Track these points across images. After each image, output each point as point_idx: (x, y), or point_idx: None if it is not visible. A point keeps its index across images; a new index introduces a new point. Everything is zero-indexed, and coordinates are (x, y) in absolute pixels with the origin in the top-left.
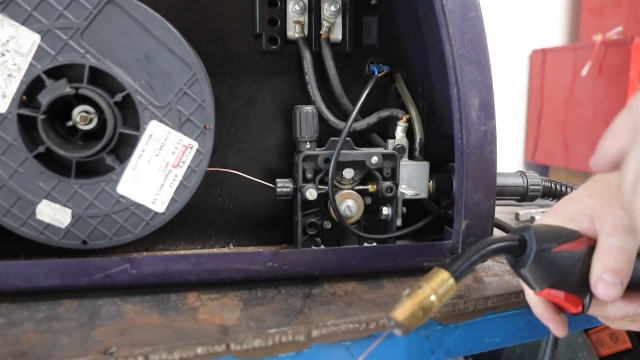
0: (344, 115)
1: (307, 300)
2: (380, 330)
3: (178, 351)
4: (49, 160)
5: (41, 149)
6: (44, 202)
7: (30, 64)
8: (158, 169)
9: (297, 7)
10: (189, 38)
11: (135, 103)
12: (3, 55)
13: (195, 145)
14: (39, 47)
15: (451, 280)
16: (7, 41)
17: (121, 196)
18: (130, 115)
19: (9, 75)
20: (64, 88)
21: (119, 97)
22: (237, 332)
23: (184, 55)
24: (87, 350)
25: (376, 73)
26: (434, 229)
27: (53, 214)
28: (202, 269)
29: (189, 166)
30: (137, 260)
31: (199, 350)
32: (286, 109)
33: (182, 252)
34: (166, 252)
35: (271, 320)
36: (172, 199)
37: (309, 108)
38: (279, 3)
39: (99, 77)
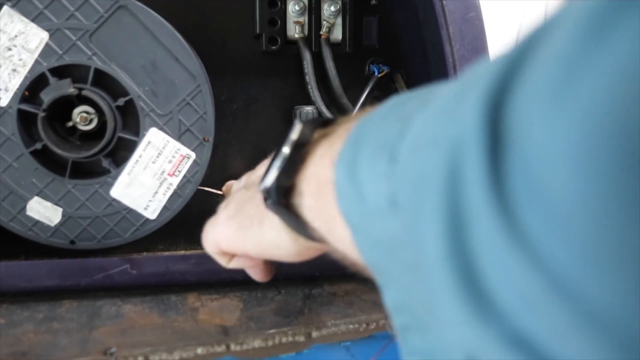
0: (344, 116)
1: (307, 300)
2: (381, 331)
3: (178, 351)
4: (45, 158)
5: (38, 145)
6: (36, 198)
7: (36, 61)
8: (153, 176)
9: (297, 8)
10: (189, 38)
11: (137, 109)
12: (10, 49)
13: (193, 155)
14: (47, 45)
15: None
16: (16, 36)
17: (114, 199)
18: (130, 120)
19: (14, 70)
20: (68, 88)
21: (121, 101)
22: (237, 332)
23: (190, 66)
24: (87, 350)
25: (376, 73)
26: None
27: (43, 211)
28: (202, 269)
29: (185, 176)
30: (137, 261)
31: (199, 350)
32: (286, 109)
33: (182, 252)
34: (166, 252)
35: (271, 320)
36: (165, 207)
37: (309, 108)
38: (279, 3)
39: (103, 80)
